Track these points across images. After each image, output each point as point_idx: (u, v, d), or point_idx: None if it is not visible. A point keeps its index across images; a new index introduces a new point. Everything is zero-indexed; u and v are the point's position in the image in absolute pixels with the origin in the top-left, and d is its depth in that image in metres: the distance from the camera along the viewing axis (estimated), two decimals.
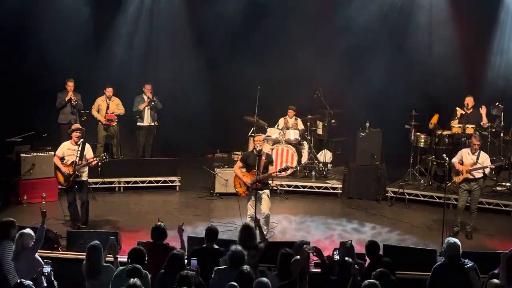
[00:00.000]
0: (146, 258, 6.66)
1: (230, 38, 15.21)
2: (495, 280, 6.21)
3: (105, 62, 14.21)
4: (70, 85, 12.67)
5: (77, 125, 10.59)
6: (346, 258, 6.63)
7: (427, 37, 14.56)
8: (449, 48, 14.12)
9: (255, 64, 14.67)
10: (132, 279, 5.84)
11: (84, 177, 10.10)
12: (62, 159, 9.98)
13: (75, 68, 13.48)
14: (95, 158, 10.10)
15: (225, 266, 6.62)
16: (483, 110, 12.00)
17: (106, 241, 7.11)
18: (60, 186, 10.76)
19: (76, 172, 9.84)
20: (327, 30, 14.79)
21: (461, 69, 13.99)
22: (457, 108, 12.04)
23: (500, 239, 10.21)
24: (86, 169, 10.09)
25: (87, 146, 10.08)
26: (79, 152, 9.87)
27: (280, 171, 10.51)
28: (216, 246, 7.26)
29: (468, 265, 6.49)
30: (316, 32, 14.90)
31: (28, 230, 7.00)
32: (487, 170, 10.13)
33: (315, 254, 6.61)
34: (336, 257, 6.75)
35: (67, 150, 9.98)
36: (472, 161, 10.11)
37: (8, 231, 7.05)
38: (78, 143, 9.94)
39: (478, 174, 10.12)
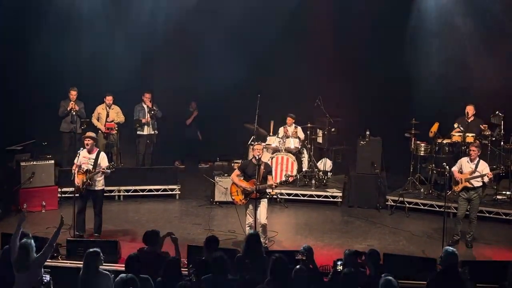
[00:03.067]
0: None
1: (229, 46, 15.26)
2: None
3: (105, 70, 14.24)
4: (73, 93, 12.70)
5: (89, 133, 10.40)
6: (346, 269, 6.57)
7: (427, 46, 14.58)
8: (449, 57, 14.15)
9: (254, 72, 14.74)
10: None
11: (99, 186, 10.02)
12: (80, 167, 9.91)
13: (78, 76, 13.53)
14: (105, 166, 9.92)
15: (209, 275, 6.56)
16: (484, 127, 11.99)
17: (105, 250, 7.07)
18: (69, 194, 10.63)
19: (89, 180, 9.79)
20: (327, 38, 14.85)
21: (462, 77, 14.02)
22: (455, 125, 12.01)
23: (501, 248, 10.17)
24: (101, 179, 10.01)
25: (102, 155, 10.03)
26: (93, 160, 9.88)
27: (281, 183, 10.50)
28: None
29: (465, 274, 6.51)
30: (315, 40, 14.96)
31: (30, 241, 6.87)
32: (485, 179, 10.11)
33: (305, 258, 6.61)
34: (339, 268, 6.70)
35: (83, 158, 9.95)
36: (471, 169, 10.09)
37: None
38: (90, 151, 9.90)
39: (477, 183, 10.10)
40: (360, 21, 14.55)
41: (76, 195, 9.95)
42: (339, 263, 6.84)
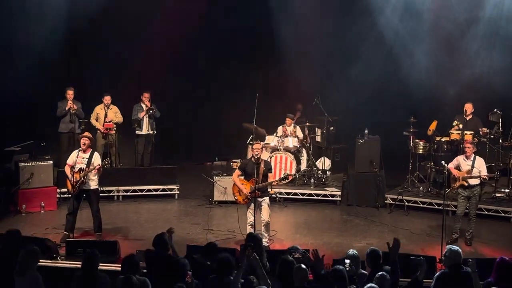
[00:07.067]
0: (140, 265, 6.66)
1: (228, 45, 15.26)
2: None
3: (104, 69, 14.23)
4: (70, 93, 12.71)
5: (86, 133, 10.48)
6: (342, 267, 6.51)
7: (425, 44, 14.56)
8: (447, 54, 14.14)
9: (253, 71, 14.72)
10: None
11: (93, 186, 10.03)
12: (73, 167, 9.92)
13: (75, 76, 13.52)
14: (98, 164, 9.96)
15: (213, 275, 6.57)
16: (482, 129, 11.98)
17: (104, 250, 7.07)
18: (67, 194, 10.66)
19: (83, 179, 9.80)
20: (324, 36, 14.84)
21: (460, 75, 14.01)
22: (455, 123, 12.00)
23: (500, 246, 10.18)
24: (95, 178, 10.03)
25: (96, 154, 10.09)
26: (87, 159, 9.91)
27: (280, 180, 10.51)
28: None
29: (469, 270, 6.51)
30: (313, 38, 14.95)
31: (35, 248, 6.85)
32: (482, 175, 10.11)
33: (302, 258, 6.62)
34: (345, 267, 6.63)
35: (76, 158, 9.97)
36: (468, 167, 10.09)
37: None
38: (85, 150, 9.94)
39: (474, 181, 10.11)
40: (358, 18, 14.54)
41: (69, 195, 9.99)
42: (348, 262, 6.74)
